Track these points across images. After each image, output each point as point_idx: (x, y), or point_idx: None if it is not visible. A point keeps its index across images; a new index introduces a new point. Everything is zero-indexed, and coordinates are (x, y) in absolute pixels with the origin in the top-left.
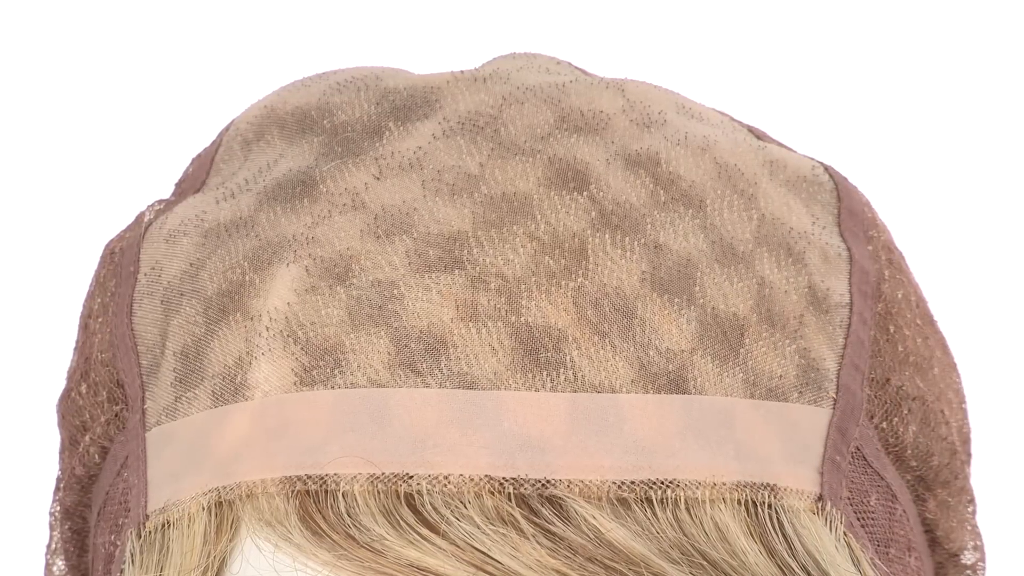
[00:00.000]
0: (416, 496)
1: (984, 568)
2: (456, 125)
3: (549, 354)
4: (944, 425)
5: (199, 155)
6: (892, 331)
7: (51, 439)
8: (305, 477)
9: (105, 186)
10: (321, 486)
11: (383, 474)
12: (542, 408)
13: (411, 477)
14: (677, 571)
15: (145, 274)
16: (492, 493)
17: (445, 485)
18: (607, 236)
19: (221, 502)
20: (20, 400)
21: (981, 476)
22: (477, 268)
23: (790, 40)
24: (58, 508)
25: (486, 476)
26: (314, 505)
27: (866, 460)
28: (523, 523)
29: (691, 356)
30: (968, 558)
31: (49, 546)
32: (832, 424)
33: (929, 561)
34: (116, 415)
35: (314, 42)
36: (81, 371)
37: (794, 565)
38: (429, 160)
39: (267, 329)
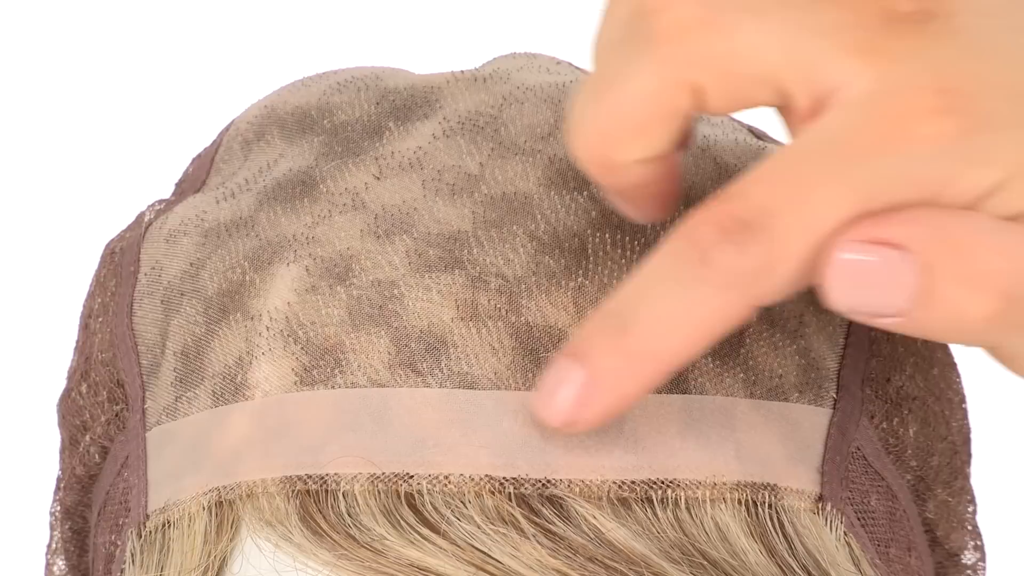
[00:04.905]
0: (416, 496)
1: (984, 568)
2: (456, 125)
3: (549, 354)
4: (944, 425)
5: (199, 155)
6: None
7: (51, 439)
8: (305, 477)
9: (105, 186)
10: (321, 486)
11: (383, 474)
12: None
13: (411, 477)
14: (677, 571)
15: (145, 274)
16: (492, 493)
17: (445, 485)
18: (607, 236)
19: (221, 502)
20: (20, 400)
21: (981, 476)
22: (477, 268)
23: None
24: (58, 508)
25: (486, 476)
26: (314, 505)
27: (866, 460)
28: (523, 523)
29: None
30: (968, 558)
31: (49, 546)
32: (832, 424)
33: (929, 561)
34: (116, 415)
35: (314, 42)
36: (81, 371)
37: (794, 565)
38: (429, 160)
39: (267, 329)
